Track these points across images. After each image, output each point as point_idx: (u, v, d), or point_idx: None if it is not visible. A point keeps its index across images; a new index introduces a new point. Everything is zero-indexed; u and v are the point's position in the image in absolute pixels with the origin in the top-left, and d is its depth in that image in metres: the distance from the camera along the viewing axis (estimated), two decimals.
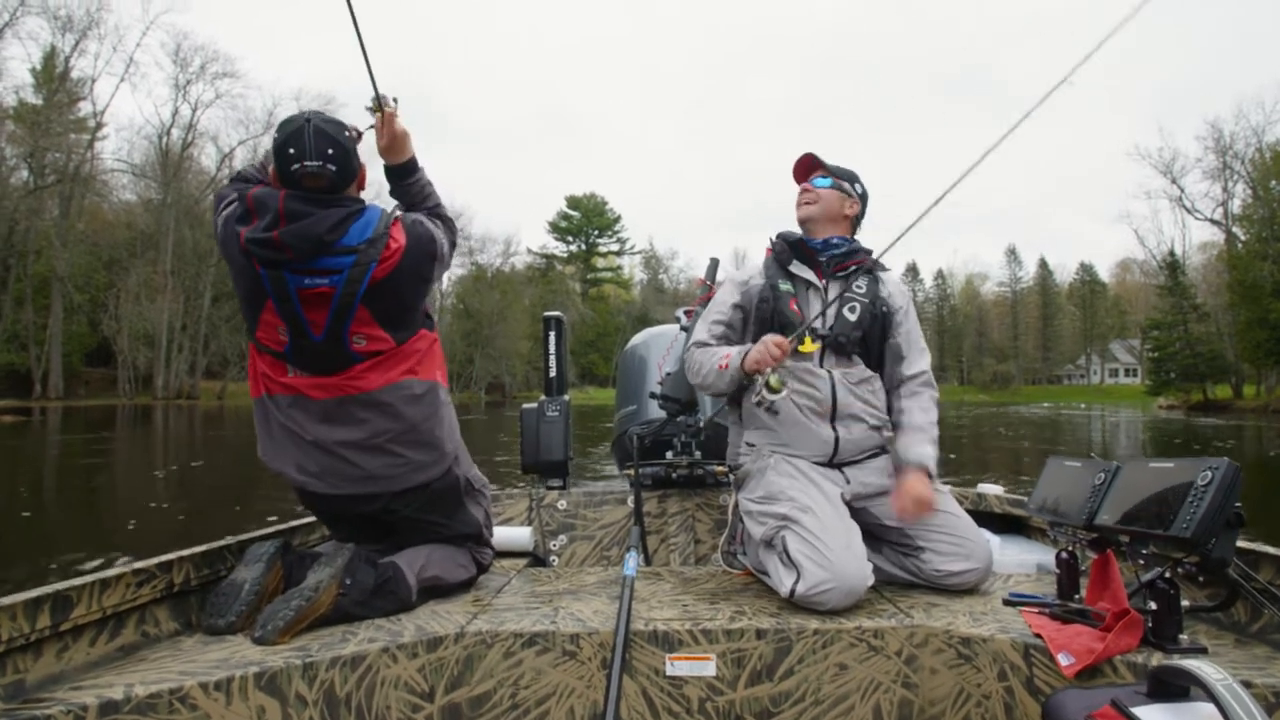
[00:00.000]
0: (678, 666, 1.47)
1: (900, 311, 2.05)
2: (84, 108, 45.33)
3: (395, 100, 1.74)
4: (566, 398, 2.76)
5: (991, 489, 2.48)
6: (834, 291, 2.00)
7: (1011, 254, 76.69)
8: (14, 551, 5.24)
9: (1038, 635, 1.44)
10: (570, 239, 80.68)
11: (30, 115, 42.17)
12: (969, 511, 2.41)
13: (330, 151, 1.60)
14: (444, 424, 1.78)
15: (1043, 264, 77.35)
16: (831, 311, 1.96)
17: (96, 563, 4.74)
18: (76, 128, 44.67)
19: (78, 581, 1.35)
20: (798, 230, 2.09)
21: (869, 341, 1.98)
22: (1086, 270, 75.57)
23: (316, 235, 1.55)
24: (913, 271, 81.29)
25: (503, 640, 1.48)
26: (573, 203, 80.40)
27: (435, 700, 1.45)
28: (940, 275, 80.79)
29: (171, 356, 44.75)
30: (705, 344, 2.05)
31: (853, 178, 2.09)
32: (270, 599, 1.60)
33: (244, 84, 51.51)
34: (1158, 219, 74.78)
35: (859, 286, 2.00)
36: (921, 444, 1.92)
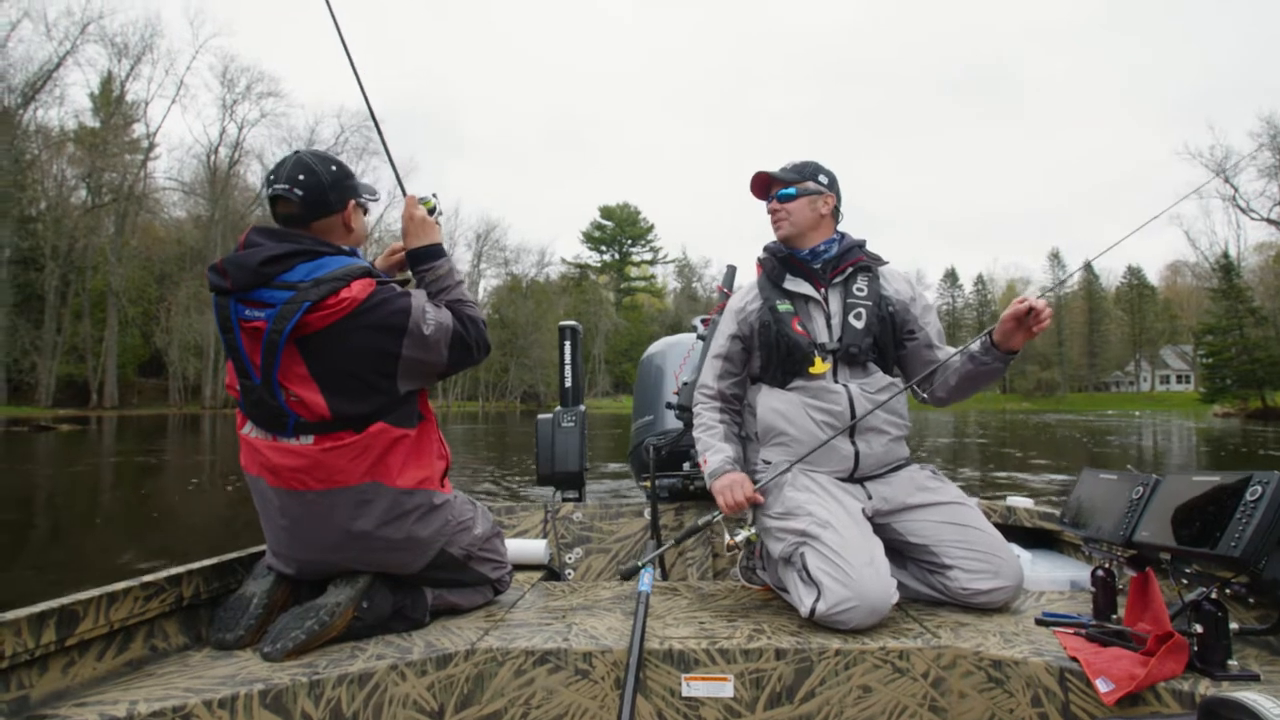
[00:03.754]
0: (694, 687, 1.42)
1: (913, 303, 1.96)
2: (138, 129, 47.26)
3: (436, 196, 1.83)
4: (582, 408, 2.72)
5: (1021, 502, 2.37)
6: (835, 300, 1.93)
7: (1055, 258, 74.59)
8: (77, 556, 5.39)
9: (1074, 658, 1.35)
10: (604, 248, 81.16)
11: (88, 138, 44.04)
12: (998, 526, 2.29)
13: (301, 178, 1.57)
14: (430, 525, 1.63)
15: (1088, 267, 75.15)
16: (837, 322, 1.90)
17: (155, 564, 4.85)
18: (131, 148, 46.49)
19: (84, 595, 1.34)
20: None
21: (882, 345, 1.90)
22: (1134, 273, 73.25)
23: (252, 264, 1.48)
24: (951, 277, 79.92)
25: (514, 658, 1.45)
26: (606, 212, 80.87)
27: (445, 718, 1.42)
28: (980, 281, 79.11)
29: (219, 367, 46.06)
30: (707, 390, 2.03)
31: (814, 171, 1.97)
32: (280, 611, 1.59)
33: (287, 103, 53.14)
34: (1210, 219, 72.10)
35: (860, 289, 1.92)
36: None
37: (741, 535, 1.81)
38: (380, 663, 1.40)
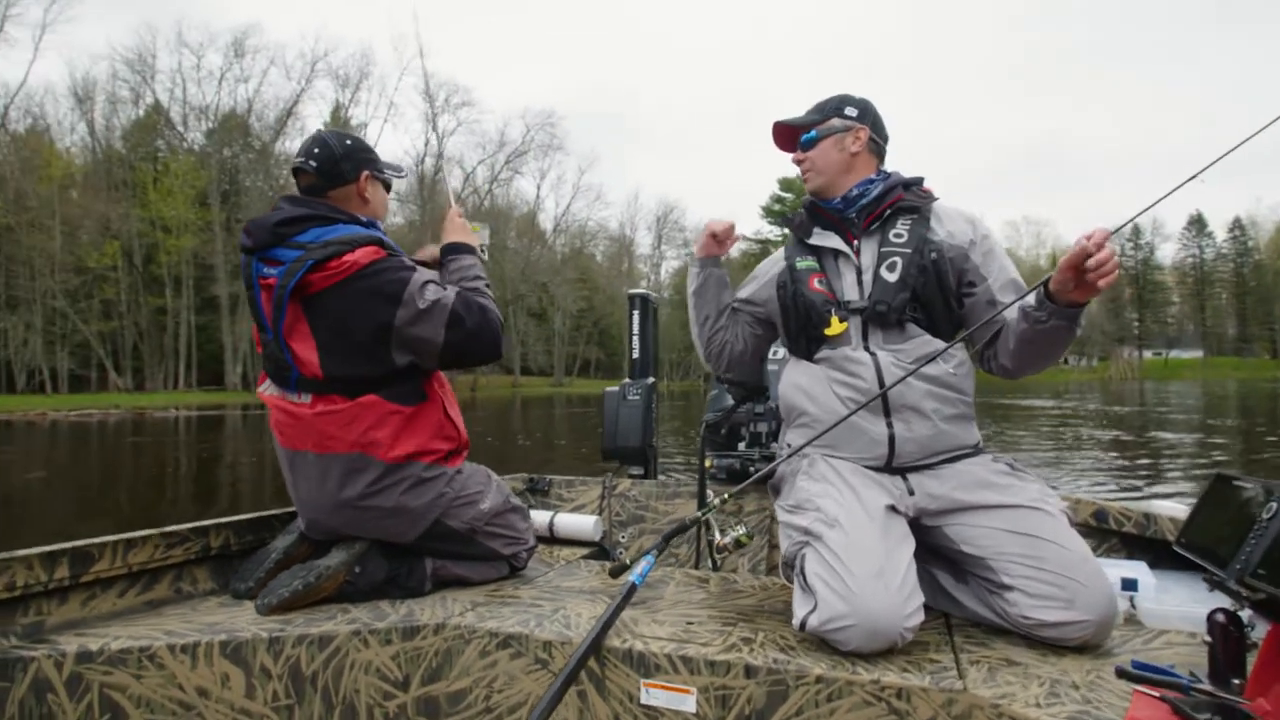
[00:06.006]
0: (654, 695, 1.27)
1: (974, 248, 1.58)
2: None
3: (487, 228, 1.94)
4: (650, 381, 2.60)
5: (1167, 509, 1.86)
6: (868, 251, 1.61)
7: None
8: None
9: None
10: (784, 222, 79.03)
11: None
12: (1130, 537, 1.83)
13: (316, 150, 1.68)
14: (422, 496, 1.64)
15: None
16: (869, 277, 1.59)
17: None
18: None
19: (100, 540, 1.48)
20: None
21: (926, 300, 1.55)
22: None
23: (269, 224, 1.59)
24: (1198, 224, 67.97)
25: (479, 638, 1.39)
26: (785, 185, 78.32)
27: (410, 690, 1.40)
28: (1238, 226, 66.47)
29: None
30: None
31: (838, 106, 1.67)
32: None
33: (479, 110, 57.47)
34: None
35: (898, 235, 1.59)
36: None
37: (730, 536, 1.59)
38: (344, 627, 1.41)
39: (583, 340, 60.67)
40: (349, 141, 1.72)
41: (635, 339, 2.66)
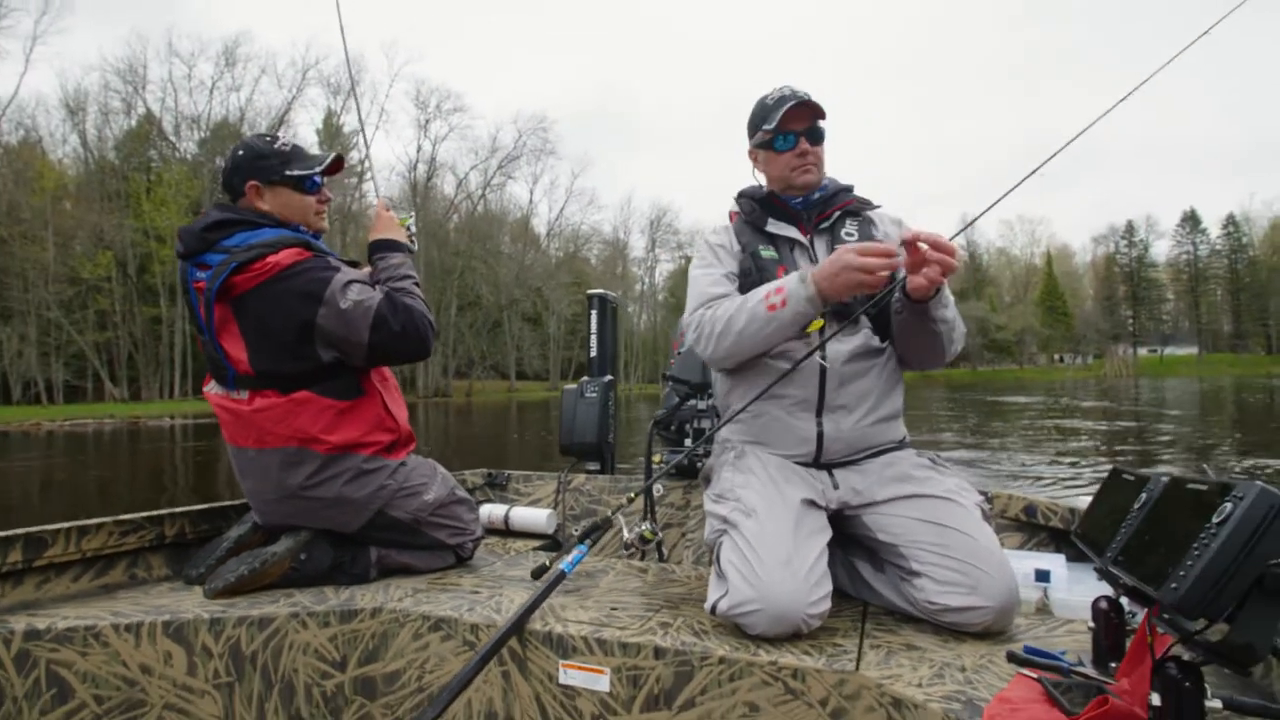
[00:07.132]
0: (571, 675, 1.35)
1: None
2: (353, 156, 53.79)
3: (413, 217, 1.96)
4: (608, 379, 2.67)
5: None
6: (821, 247, 1.68)
7: None
8: None
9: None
10: None
11: None
12: (1057, 531, 1.90)
13: (222, 166, 1.78)
14: (364, 487, 1.69)
15: None
16: None
17: None
18: (348, 174, 53.09)
19: (54, 526, 1.55)
20: (760, 186, 1.79)
21: (876, 297, 1.61)
22: None
23: (197, 230, 1.66)
24: (1192, 221, 68.23)
25: (413, 621, 1.46)
26: None
27: (347, 670, 1.47)
28: (1231, 222, 66.76)
29: (429, 360, 51.47)
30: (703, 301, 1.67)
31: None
32: None
33: (471, 115, 57.77)
34: None
35: (849, 234, 1.66)
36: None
37: (635, 532, 1.64)
38: (284, 609, 1.48)
39: (577, 344, 60.67)
40: (240, 152, 1.75)
41: (594, 338, 2.73)
